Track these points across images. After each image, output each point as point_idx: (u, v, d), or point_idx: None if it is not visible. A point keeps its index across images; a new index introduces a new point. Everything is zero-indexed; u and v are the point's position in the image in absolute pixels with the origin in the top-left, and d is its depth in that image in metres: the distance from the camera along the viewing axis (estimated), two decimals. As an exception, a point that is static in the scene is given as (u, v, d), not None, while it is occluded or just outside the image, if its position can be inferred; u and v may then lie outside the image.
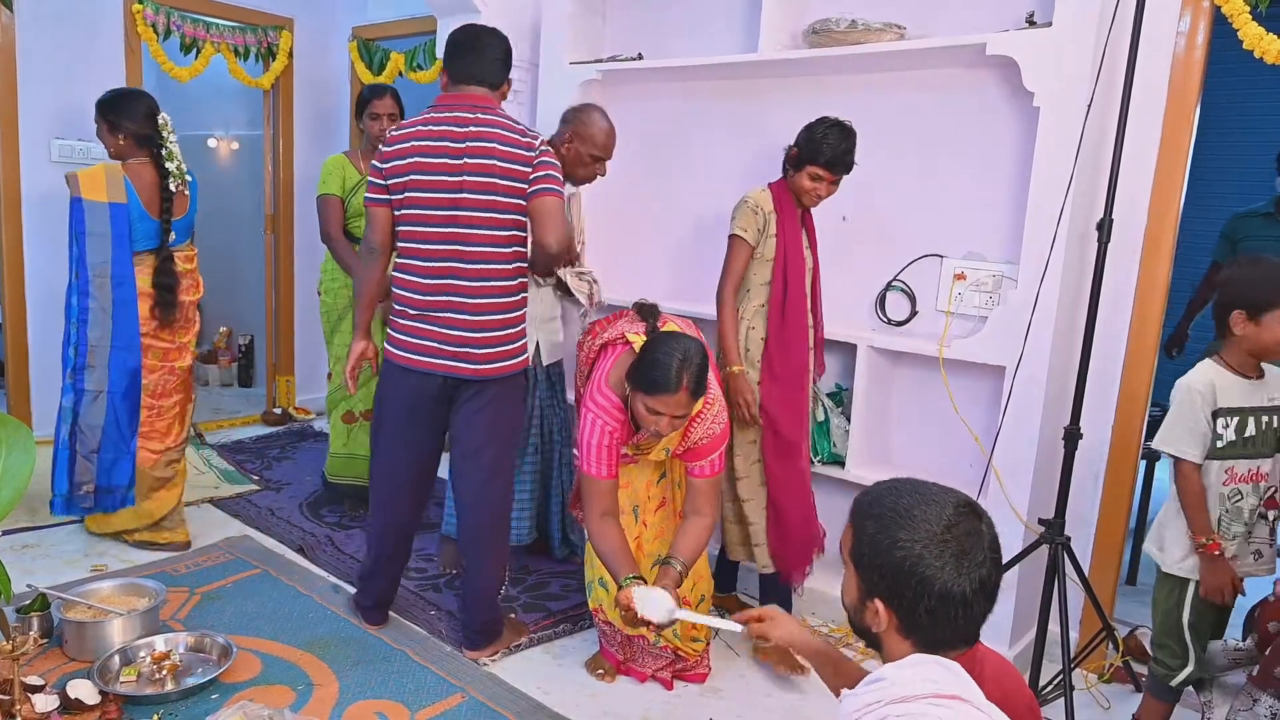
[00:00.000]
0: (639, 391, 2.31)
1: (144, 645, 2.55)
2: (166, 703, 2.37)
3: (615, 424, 2.44)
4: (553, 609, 3.03)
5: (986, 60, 2.77)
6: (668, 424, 2.32)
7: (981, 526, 1.29)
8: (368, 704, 2.43)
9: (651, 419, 2.32)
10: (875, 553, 1.30)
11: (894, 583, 1.27)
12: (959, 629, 1.27)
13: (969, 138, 2.94)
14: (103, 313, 3.19)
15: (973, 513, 1.30)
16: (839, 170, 2.69)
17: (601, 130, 2.96)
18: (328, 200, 3.61)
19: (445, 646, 2.76)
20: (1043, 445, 2.75)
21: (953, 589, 1.24)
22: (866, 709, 1.20)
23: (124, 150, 3.30)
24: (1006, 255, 2.88)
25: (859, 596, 1.34)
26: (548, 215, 2.43)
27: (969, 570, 1.24)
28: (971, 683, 1.21)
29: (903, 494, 1.33)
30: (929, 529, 1.26)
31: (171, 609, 2.86)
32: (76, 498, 3.23)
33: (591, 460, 2.45)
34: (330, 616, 2.90)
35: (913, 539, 1.26)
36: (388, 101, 3.63)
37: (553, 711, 2.46)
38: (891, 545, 1.27)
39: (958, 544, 1.25)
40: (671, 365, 2.26)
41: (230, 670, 2.50)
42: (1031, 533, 2.70)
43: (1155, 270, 2.77)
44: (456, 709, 2.43)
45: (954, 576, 1.24)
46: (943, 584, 1.24)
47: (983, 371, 2.87)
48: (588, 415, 2.48)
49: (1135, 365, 2.81)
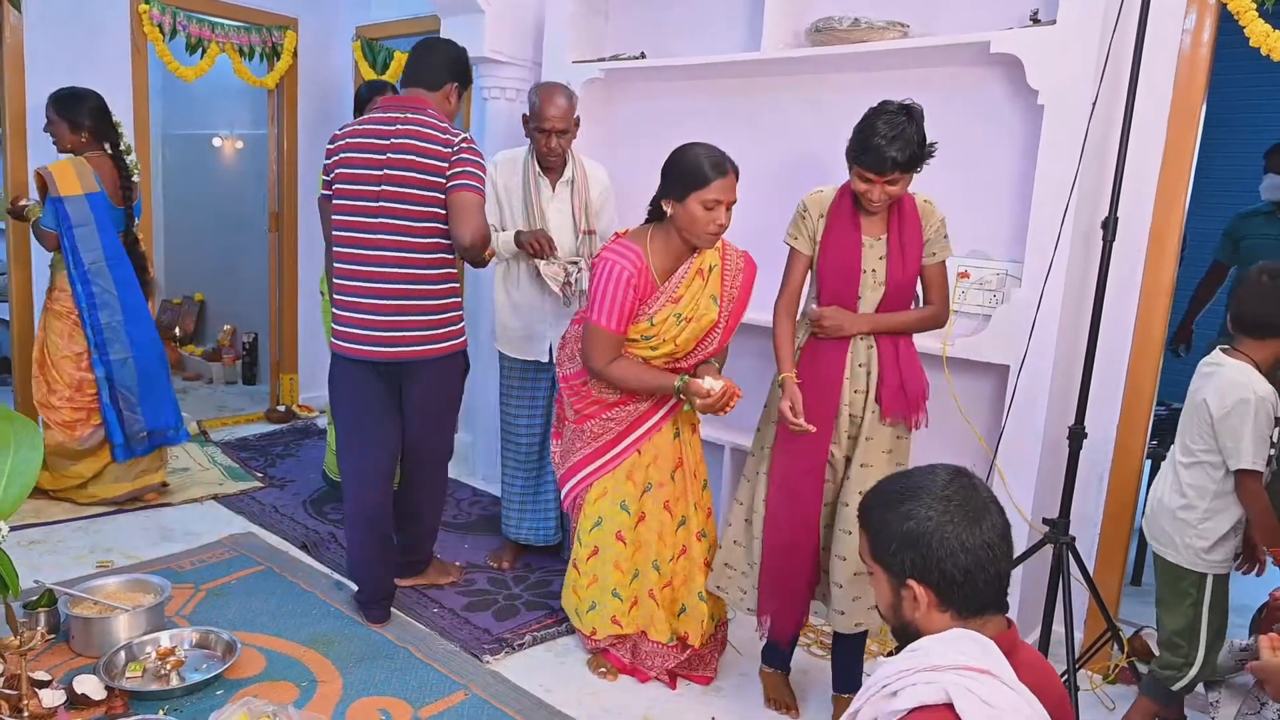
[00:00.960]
0: (691, 193, 2.34)
1: (149, 641, 2.56)
2: (171, 698, 2.38)
3: (634, 269, 2.40)
4: (556, 607, 3.02)
5: (990, 58, 2.77)
6: (726, 213, 2.37)
7: (976, 483, 1.37)
8: (371, 701, 2.43)
9: (709, 216, 2.35)
10: (890, 536, 1.35)
11: (917, 554, 1.32)
12: (990, 579, 1.31)
13: (973, 136, 2.93)
14: (109, 294, 3.57)
15: (963, 473, 1.38)
16: (884, 168, 2.21)
17: (537, 99, 2.96)
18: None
19: (449, 644, 2.76)
20: (1047, 444, 2.74)
21: (969, 539, 1.30)
22: (898, 675, 1.25)
23: (83, 146, 3.60)
24: (1011, 253, 2.88)
25: (892, 591, 1.37)
26: (461, 210, 2.57)
27: (977, 517, 1.31)
28: (1004, 660, 1.25)
29: (895, 480, 1.42)
30: (929, 493, 1.34)
31: (176, 605, 2.87)
32: (134, 442, 3.66)
33: (604, 308, 2.39)
34: (334, 613, 2.90)
35: (917, 505, 1.33)
36: None
37: (554, 709, 2.47)
38: (901, 519, 1.33)
39: (960, 499, 1.33)
40: (709, 150, 2.37)
41: (235, 666, 2.51)
42: (1036, 532, 2.70)
43: (1160, 269, 2.75)
44: (459, 706, 2.44)
45: (968, 527, 1.30)
46: (959, 537, 1.30)
47: (986, 370, 2.86)
48: (602, 264, 2.43)
49: (1140, 364, 2.80)
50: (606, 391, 2.55)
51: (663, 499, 2.61)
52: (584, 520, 2.63)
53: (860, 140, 2.25)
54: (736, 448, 3.38)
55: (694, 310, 2.46)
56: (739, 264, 2.55)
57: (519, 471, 3.25)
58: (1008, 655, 1.27)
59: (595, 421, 2.59)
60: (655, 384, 2.47)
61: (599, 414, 2.58)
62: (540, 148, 3.00)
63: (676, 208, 2.37)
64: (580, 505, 2.65)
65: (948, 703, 1.16)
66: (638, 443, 2.58)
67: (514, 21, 3.86)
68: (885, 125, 2.20)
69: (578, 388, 2.60)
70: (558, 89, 3.00)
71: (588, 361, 2.49)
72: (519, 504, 3.28)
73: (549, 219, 3.06)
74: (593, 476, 2.61)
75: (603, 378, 2.49)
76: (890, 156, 2.18)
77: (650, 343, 2.47)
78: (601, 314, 2.40)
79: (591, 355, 2.46)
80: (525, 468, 3.24)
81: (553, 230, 3.05)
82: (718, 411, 2.42)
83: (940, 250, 2.39)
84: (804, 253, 2.42)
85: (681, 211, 2.36)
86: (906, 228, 2.33)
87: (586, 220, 3.08)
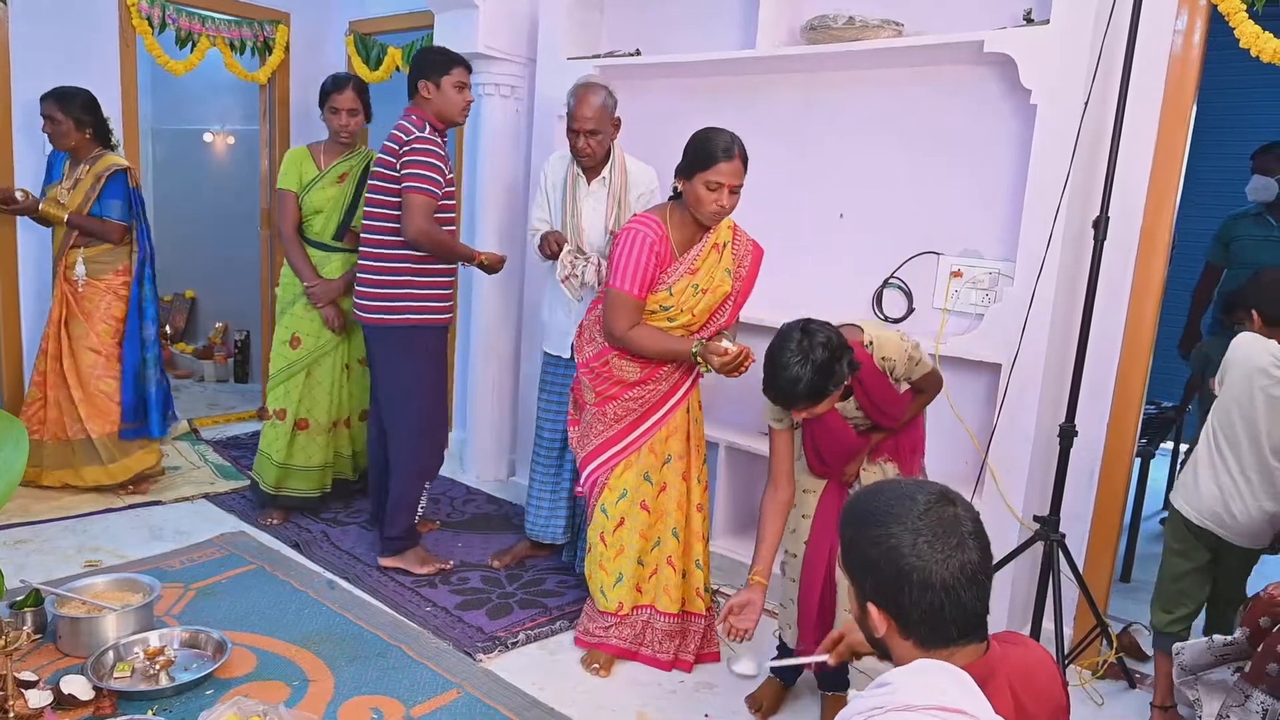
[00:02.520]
0: (697, 172, 2.44)
1: (138, 641, 2.54)
2: (161, 698, 2.36)
3: (655, 236, 2.52)
4: (549, 605, 3.03)
5: (984, 57, 2.78)
6: (728, 196, 2.45)
7: (958, 511, 1.29)
8: (363, 700, 2.42)
9: (712, 197, 2.44)
10: (856, 554, 1.31)
11: (877, 580, 1.27)
12: (951, 619, 1.25)
13: (966, 135, 2.94)
14: None
15: (946, 499, 1.30)
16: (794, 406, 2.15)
17: (573, 100, 2.98)
18: (282, 195, 3.50)
19: (441, 643, 2.76)
20: (1038, 443, 2.76)
21: (932, 577, 1.23)
22: (870, 712, 1.19)
23: (86, 144, 3.66)
24: (1003, 253, 2.89)
25: (859, 606, 1.34)
26: (406, 208, 2.98)
27: (946, 555, 1.24)
28: (980, 696, 1.19)
29: (879, 495, 1.34)
30: (900, 523, 1.26)
31: (166, 604, 2.85)
32: (169, 419, 3.90)
33: (626, 273, 2.50)
34: (326, 612, 2.89)
35: (886, 533, 1.26)
36: (348, 95, 3.45)
37: (548, 707, 2.46)
38: (868, 543, 1.28)
39: (930, 532, 1.25)
40: (723, 135, 2.45)
41: (225, 666, 2.49)
42: (1026, 530, 2.72)
43: (1151, 268, 2.77)
44: (452, 705, 2.43)
45: (931, 564, 1.23)
46: (921, 572, 1.23)
47: (979, 369, 2.88)
48: (625, 233, 2.55)
49: (1130, 363, 2.81)
50: (628, 369, 2.63)
51: (680, 470, 2.73)
52: (608, 494, 2.70)
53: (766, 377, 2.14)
54: (731, 445, 3.39)
55: (710, 281, 2.58)
56: (748, 246, 2.68)
57: (539, 466, 3.27)
58: (984, 683, 1.22)
59: (617, 403, 2.66)
60: (674, 348, 2.57)
61: (621, 394, 2.65)
62: (572, 147, 3.03)
63: (686, 185, 2.49)
64: (604, 483, 2.70)
65: None
66: (661, 421, 2.68)
67: (508, 17, 3.84)
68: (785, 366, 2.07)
69: (598, 369, 2.67)
70: (592, 90, 2.98)
71: (609, 327, 2.57)
72: (538, 500, 3.28)
73: (582, 215, 3.09)
74: (618, 458, 2.69)
75: (623, 343, 2.57)
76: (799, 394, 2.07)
77: (669, 313, 2.58)
78: (625, 279, 2.51)
79: (613, 321, 2.55)
80: (547, 462, 3.25)
81: (584, 227, 3.08)
82: (733, 373, 2.48)
83: (915, 371, 2.32)
84: (786, 430, 2.34)
85: (689, 189, 2.48)
86: (872, 390, 2.26)
87: (618, 221, 3.06)
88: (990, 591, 1.29)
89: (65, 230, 3.65)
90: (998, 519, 2.77)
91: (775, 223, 3.27)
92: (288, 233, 3.52)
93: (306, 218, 3.52)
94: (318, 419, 3.60)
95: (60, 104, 3.58)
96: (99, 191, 3.63)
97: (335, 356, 3.60)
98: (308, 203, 3.50)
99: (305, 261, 3.50)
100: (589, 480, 2.74)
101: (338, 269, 3.53)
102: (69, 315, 3.70)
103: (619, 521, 2.69)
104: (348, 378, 3.67)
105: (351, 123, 3.48)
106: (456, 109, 3.08)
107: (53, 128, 3.60)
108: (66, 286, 3.69)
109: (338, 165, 3.52)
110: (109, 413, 3.75)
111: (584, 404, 2.75)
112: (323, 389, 3.60)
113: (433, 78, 3.02)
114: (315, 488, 3.65)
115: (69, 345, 3.70)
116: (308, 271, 3.49)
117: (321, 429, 3.61)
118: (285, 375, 3.55)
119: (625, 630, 2.71)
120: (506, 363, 4.27)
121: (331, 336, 3.57)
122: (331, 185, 3.50)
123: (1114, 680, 2.81)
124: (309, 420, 3.59)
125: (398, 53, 4.72)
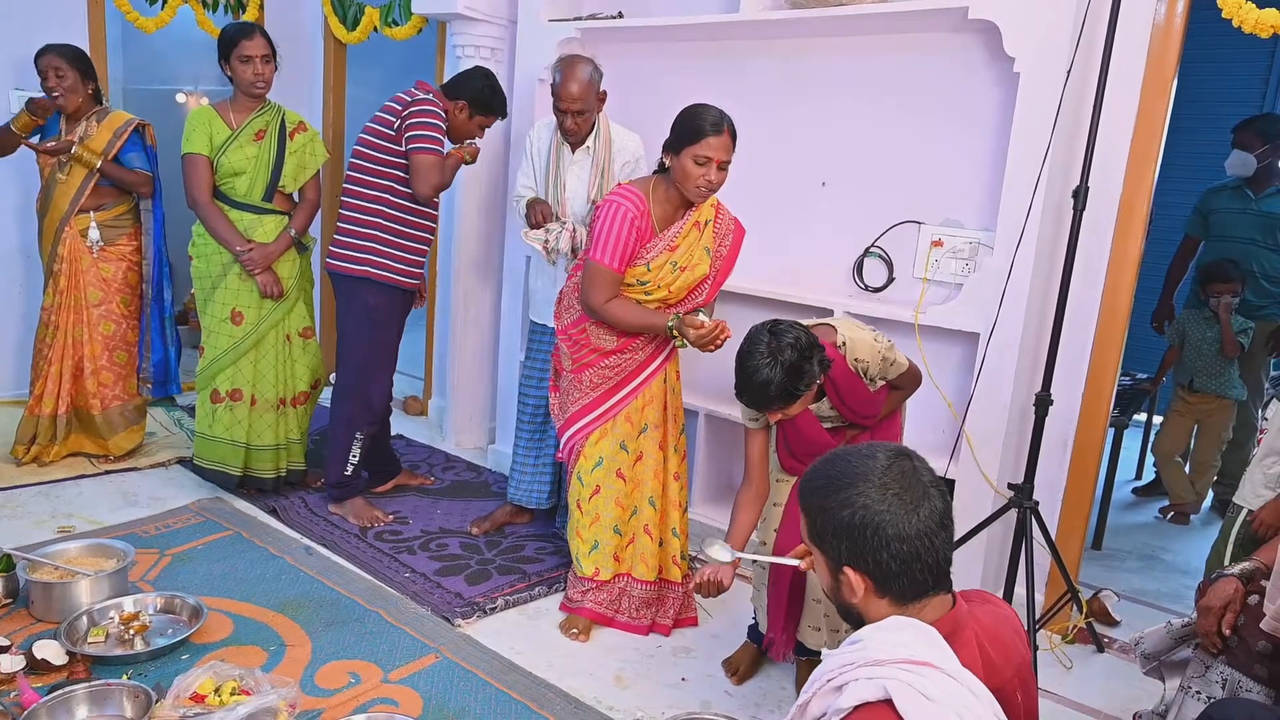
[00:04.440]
0: (686, 146, 2.44)
1: (112, 606, 2.54)
2: (136, 663, 2.36)
3: (637, 211, 2.53)
4: (528, 571, 3.05)
5: (968, 24, 2.77)
6: (715, 172, 2.45)
7: (915, 464, 1.35)
8: (341, 664, 2.44)
9: (700, 171, 2.44)
10: (827, 522, 1.34)
11: (853, 542, 1.31)
12: (927, 567, 1.30)
13: (949, 103, 2.94)
14: None
15: (904, 455, 1.36)
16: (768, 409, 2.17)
17: (558, 76, 2.96)
18: (192, 160, 3.24)
19: (420, 608, 2.77)
20: (1014, 412, 2.79)
21: (905, 528, 1.28)
22: (842, 669, 1.24)
23: (88, 102, 3.50)
24: (983, 223, 2.90)
25: (831, 575, 1.37)
26: (413, 171, 3.10)
27: (915, 505, 1.30)
28: (947, 649, 1.24)
29: (835, 461, 1.39)
30: (866, 481, 1.31)
31: (141, 570, 2.84)
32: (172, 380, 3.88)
33: (606, 246, 2.51)
34: (304, 578, 2.90)
35: (855, 494, 1.31)
36: (260, 41, 3.25)
37: (525, 671, 2.49)
38: (838, 508, 1.32)
39: (898, 484, 1.31)
40: (711, 110, 2.46)
41: (201, 631, 2.50)
42: (1001, 497, 2.75)
43: (1128, 240, 2.79)
44: (430, 669, 2.45)
45: (903, 515, 1.29)
46: (895, 525, 1.28)
47: (957, 338, 2.90)
48: (606, 205, 2.55)
49: (1106, 334, 2.84)
50: (605, 338, 2.65)
51: (657, 439, 2.76)
52: (584, 462, 2.73)
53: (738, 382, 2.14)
54: (710, 414, 3.41)
55: (689, 260, 2.60)
56: (730, 225, 2.69)
57: (523, 432, 3.29)
58: (952, 636, 1.28)
59: (593, 370, 2.69)
60: (650, 321, 2.58)
61: (597, 362, 2.68)
62: (560, 125, 3.01)
63: (674, 160, 2.49)
64: (580, 450, 2.73)
65: (887, 699, 1.17)
66: (637, 390, 2.70)
67: (489, -24, 3.80)
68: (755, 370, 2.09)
69: (575, 337, 2.69)
70: (578, 66, 2.93)
71: (586, 299, 2.58)
72: (520, 466, 3.31)
73: (566, 184, 3.10)
74: (593, 425, 2.72)
75: (600, 315, 2.58)
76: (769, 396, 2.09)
77: (645, 288, 2.59)
78: (605, 252, 2.51)
79: (590, 293, 2.56)
80: (530, 429, 3.28)
81: (568, 195, 3.09)
82: (708, 347, 2.48)
83: (891, 371, 2.32)
84: (761, 429, 2.36)
85: (677, 165, 2.48)
86: (845, 391, 2.27)
87: (600, 190, 3.06)
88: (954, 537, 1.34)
89: (76, 190, 3.48)
90: (973, 486, 2.81)
91: (758, 191, 3.26)
92: (204, 199, 3.27)
93: (225, 180, 3.29)
94: (265, 395, 3.44)
95: (65, 57, 3.42)
96: (119, 146, 3.52)
97: (280, 328, 3.44)
98: (225, 165, 3.26)
99: (230, 228, 3.28)
100: (567, 446, 2.76)
101: (272, 231, 3.34)
102: (79, 284, 3.56)
103: (594, 489, 2.72)
104: (289, 351, 3.49)
105: (266, 71, 3.26)
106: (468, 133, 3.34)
107: (59, 83, 3.41)
108: (69, 253, 3.53)
109: (252, 121, 3.30)
110: (124, 382, 3.71)
111: (563, 371, 2.77)
112: (268, 363, 3.43)
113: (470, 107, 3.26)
114: (271, 469, 3.52)
115: (87, 316, 3.58)
116: (236, 238, 3.28)
117: (269, 405, 3.46)
118: (234, 355, 3.37)
119: (602, 596, 2.74)
120: (486, 330, 4.28)
121: (274, 305, 3.39)
122: (249, 144, 3.29)
123: (1083, 645, 2.87)
124: (256, 397, 3.44)
125: (375, 13, 4.63)
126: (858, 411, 2.31)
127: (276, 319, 3.42)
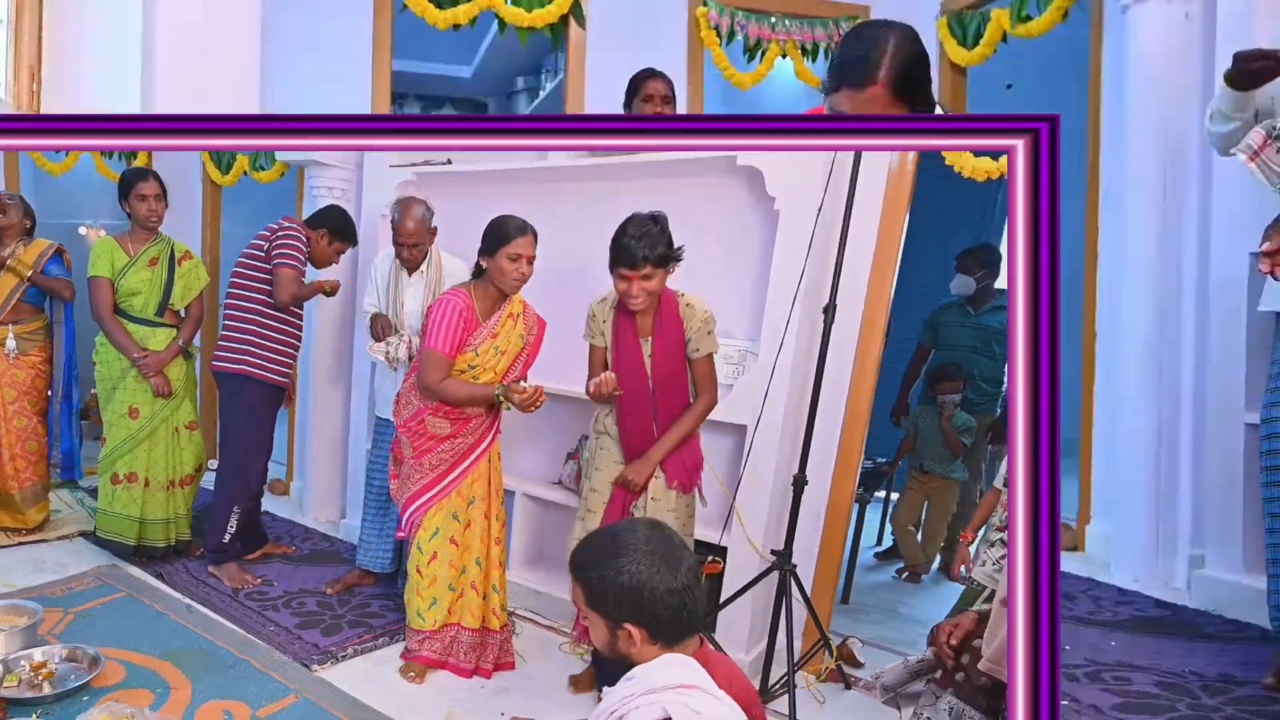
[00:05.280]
0: (500, 248, 2.84)
1: (24, 656, 2.80)
2: (44, 704, 2.64)
3: (464, 305, 2.93)
4: (374, 625, 3.47)
5: (738, 170, 3.12)
6: (526, 265, 2.87)
7: (668, 533, 1.59)
8: (216, 704, 2.72)
9: (513, 267, 2.85)
10: (607, 589, 1.52)
11: (633, 603, 1.50)
12: (692, 614, 1.51)
13: (723, 234, 3.28)
14: None
15: (658, 525, 1.62)
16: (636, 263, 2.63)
17: (397, 215, 3.46)
18: (97, 282, 3.79)
19: (282, 656, 3.15)
20: (776, 489, 3.06)
21: (674, 584, 1.49)
22: (623, 701, 1.42)
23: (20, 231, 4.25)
24: (750, 333, 3.23)
25: (609, 632, 1.54)
26: (276, 281, 3.66)
27: (676, 564, 1.51)
28: (706, 675, 1.46)
29: (602, 537, 1.65)
30: (634, 549, 1.52)
31: (48, 626, 3.12)
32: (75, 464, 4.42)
33: (440, 335, 2.88)
34: (185, 631, 3.24)
35: (627, 561, 1.51)
36: (154, 183, 3.83)
37: (370, 708, 2.78)
38: (615, 574, 1.51)
39: (662, 551, 1.52)
40: (515, 218, 2.88)
41: (99, 677, 2.77)
42: (765, 560, 3.00)
43: (869, 348, 3.13)
44: (291, 707, 2.75)
45: (670, 575, 1.49)
46: (666, 584, 1.48)
47: (730, 429, 3.22)
48: (438, 303, 2.95)
49: (852, 425, 3.19)
50: (440, 425, 3.02)
51: (483, 509, 3.15)
52: (422, 533, 3.07)
53: (615, 243, 2.63)
54: (525, 492, 3.87)
55: (508, 344, 3.03)
56: (534, 320, 3.15)
57: (369, 508, 3.80)
58: (706, 664, 1.49)
59: (432, 454, 3.06)
60: (479, 394, 2.97)
61: (435, 447, 3.06)
62: (398, 255, 3.58)
63: (490, 262, 2.88)
64: (419, 523, 3.08)
65: (666, 717, 1.34)
66: (469, 469, 3.10)
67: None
68: (634, 228, 2.62)
69: (414, 428, 3.07)
70: (413, 206, 3.41)
71: (423, 380, 2.92)
72: (367, 536, 3.81)
73: (404, 303, 3.64)
74: (433, 500, 3.08)
75: (435, 393, 2.92)
76: (640, 253, 2.57)
77: (474, 371, 2.98)
78: (438, 339, 2.89)
79: (426, 375, 2.92)
80: (375, 505, 3.79)
81: (405, 312, 3.64)
82: (529, 408, 2.89)
83: (704, 345, 2.74)
84: (600, 345, 2.93)
85: (493, 264, 2.88)
86: (666, 326, 2.74)
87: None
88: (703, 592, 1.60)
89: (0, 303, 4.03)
90: (742, 552, 3.09)
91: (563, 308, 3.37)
92: (106, 315, 3.79)
93: (124, 298, 3.82)
94: (156, 477, 3.90)
95: (11, 196, 4.06)
96: (43, 262, 4.07)
97: (169, 422, 3.93)
98: (124, 286, 3.80)
99: (128, 338, 3.80)
100: (408, 522, 3.18)
101: (163, 341, 3.87)
102: None
103: (432, 555, 3.09)
104: (177, 440, 3.97)
105: (159, 207, 3.84)
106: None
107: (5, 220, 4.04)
108: None
109: (147, 250, 3.86)
110: (37, 466, 4.22)
111: (403, 458, 3.20)
112: (159, 451, 3.90)
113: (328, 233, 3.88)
114: (162, 539, 3.95)
115: (3, 411, 4.10)
116: (133, 347, 3.79)
117: (161, 486, 3.92)
118: (131, 444, 3.85)
119: (436, 644, 3.15)
120: (338, 424, 4.79)
121: (165, 403, 3.88)
122: (144, 269, 3.84)
123: (834, 683, 3.11)
124: (149, 479, 3.90)
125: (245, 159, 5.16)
126: (667, 359, 2.72)
127: (166, 414, 3.93)
